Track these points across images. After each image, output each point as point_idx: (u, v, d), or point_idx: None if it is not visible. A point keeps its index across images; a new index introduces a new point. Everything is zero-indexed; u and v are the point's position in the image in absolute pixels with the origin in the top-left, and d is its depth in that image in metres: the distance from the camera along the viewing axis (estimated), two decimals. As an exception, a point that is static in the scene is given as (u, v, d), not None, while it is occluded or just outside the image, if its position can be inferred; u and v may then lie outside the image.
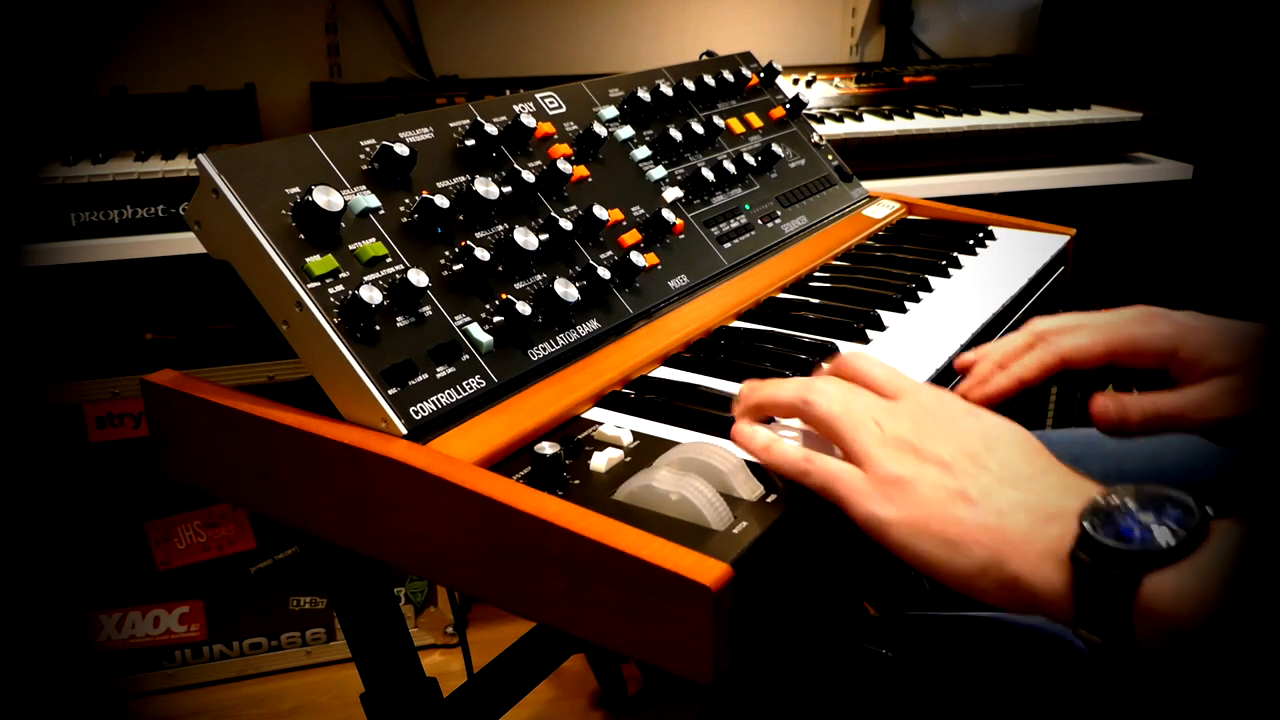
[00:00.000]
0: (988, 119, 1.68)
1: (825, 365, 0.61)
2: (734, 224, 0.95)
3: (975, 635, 0.71)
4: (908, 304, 0.89)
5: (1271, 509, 0.45)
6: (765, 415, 0.63)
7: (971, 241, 1.05)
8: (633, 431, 0.63)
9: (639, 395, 0.70)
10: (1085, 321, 0.71)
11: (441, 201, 0.69)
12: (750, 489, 0.57)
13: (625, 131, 0.91)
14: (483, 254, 0.70)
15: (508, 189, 0.76)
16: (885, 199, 1.17)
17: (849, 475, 0.55)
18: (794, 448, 0.58)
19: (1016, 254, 1.04)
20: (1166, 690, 0.48)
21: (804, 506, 0.57)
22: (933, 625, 0.73)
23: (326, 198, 0.63)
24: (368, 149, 0.70)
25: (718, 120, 1.00)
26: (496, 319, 0.69)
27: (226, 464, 0.67)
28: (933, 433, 0.56)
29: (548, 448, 0.58)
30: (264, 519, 0.81)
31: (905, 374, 0.61)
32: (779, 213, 1.02)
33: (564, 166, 0.79)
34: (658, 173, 0.91)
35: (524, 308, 0.69)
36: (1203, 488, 0.47)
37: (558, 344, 0.72)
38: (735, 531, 0.53)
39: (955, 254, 1.01)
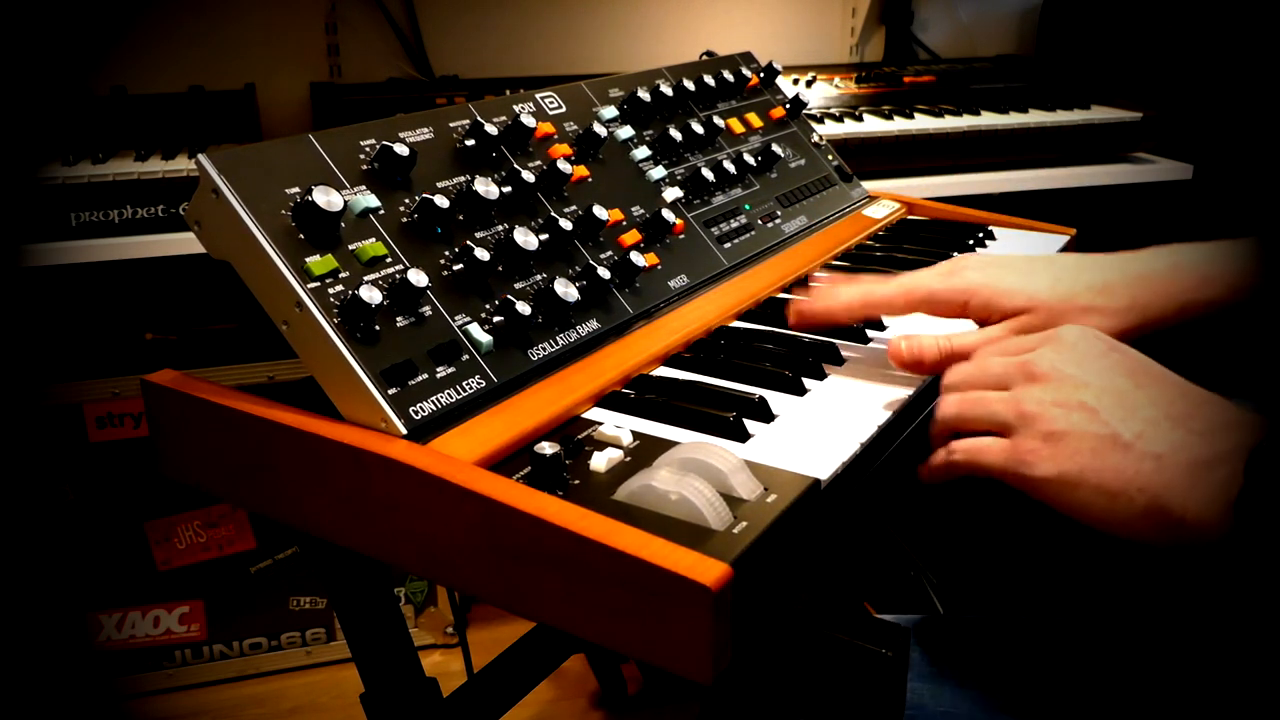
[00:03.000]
0: (988, 119, 1.68)
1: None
2: (734, 224, 0.95)
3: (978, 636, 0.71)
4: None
5: None
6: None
7: (971, 241, 1.05)
8: (633, 431, 0.63)
9: (639, 395, 0.70)
10: (910, 276, 0.75)
11: (441, 201, 0.69)
12: (750, 489, 0.57)
13: (625, 131, 0.91)
14: (483, 254, 0.70)
15: (508, 189, 0.76)
16: (885, 199, 1.17)
17: (992, 445, 0.55)
18: (941, 454, 0.59)
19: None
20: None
21: (804, 506, 0.57)
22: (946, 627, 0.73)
23: (326, 198, 0.63)
24: (368, 149, 0.70)
25: (718, 120, 1.00)
26: (496, 319, 0.69)
27: (226, 464, 0.67)
28: (1070, 377, 0.54)
29: (548, 448, 0.58)
30: (264, 519, 0.81)
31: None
32: (779, 213, 1.02)
33: (564, 166, 0.79)
34: (658, 173, 0.91)
35: (524, 308, 0.69)
36: None
37: (558, 344, 0.72)
38: (735, 531, 0.53)
39: (955, 254, 1.01)
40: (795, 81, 1.78)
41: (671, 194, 0.91)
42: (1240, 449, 0.47)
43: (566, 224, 0.76)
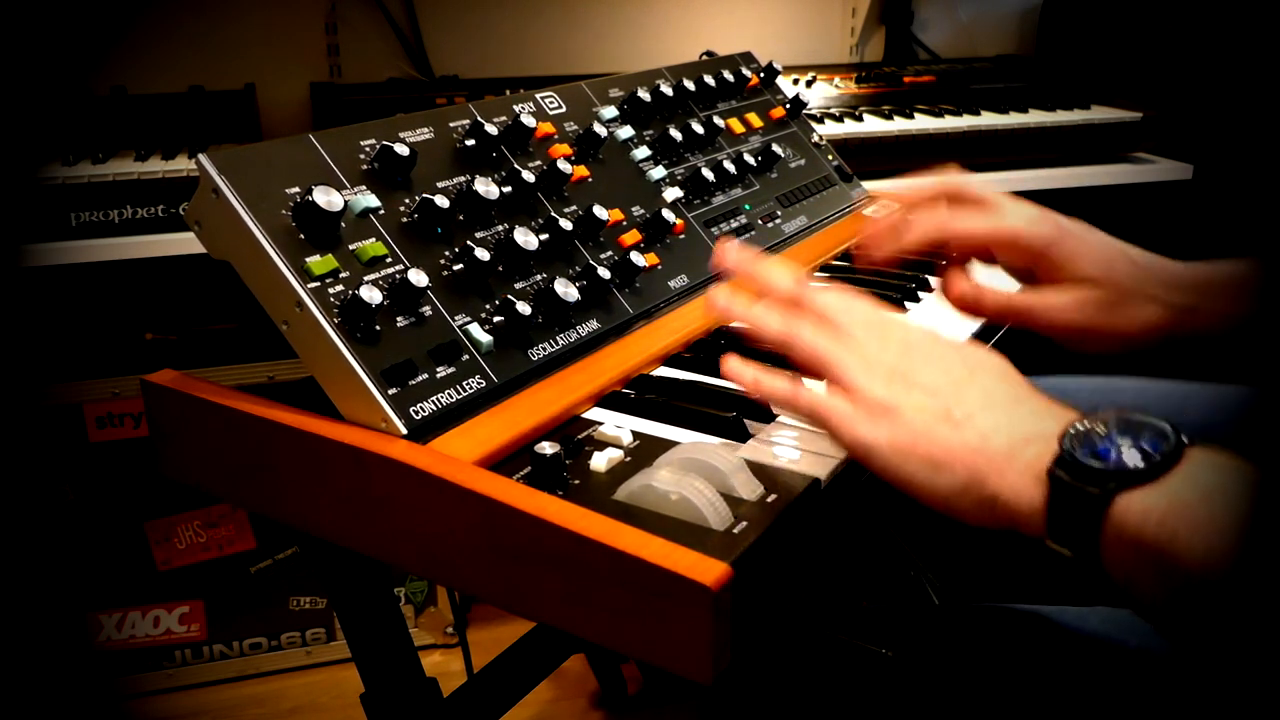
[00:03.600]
0: (988, 119, 1.68)
1: (808, 307, 0.63)
2: (734, 224, 0.95)
3: (977, 632, 0.71)
4: (907, 303, 0.89)
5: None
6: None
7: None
8: (633, 431, 0.63)
9: (639, 395, 0.70)
10: (991, 200, 0.76)
11: (441, 201, 0.69)
12: (750, 489, 0.57)
13: (625, 131, 0.91)
14: (483, 254, 0.70)
15: (508, 189, 0.76)
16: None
17: (837, 403, 0.57)
18: (780, 380, 0.61)
19: (1016, 254, 1.03)
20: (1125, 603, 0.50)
21: (804, 506, 0.57)
22: (941, 621, 0.73)
23: (326, 198, 0.63)
24: (368, 149, 0.70)
25: (718, 120, 1.00)
26: (496, 319, 0.69)
27: (226, 464, 0.67)
28: (918, 361, 0.58)
29: (548, 448, 0.58)
30: (264, 519, 0.81)
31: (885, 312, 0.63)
32: (779, 213, 1.02)
33: (564, 166, 0.79)
34: (658, 173, 0.91)
35: (524, 308, 0.69)
36: (1219, 442, 0.49)
37: (558, 344, 0.72)
38: (735, 531, 0.53)
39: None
40: (795, 81, 1.78)
41: (671, 194, 0.91)
42: (1056, 432, 0.51)
43: (566, 224, 0.76)
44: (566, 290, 0.72)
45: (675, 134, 0.94)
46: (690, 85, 1.01)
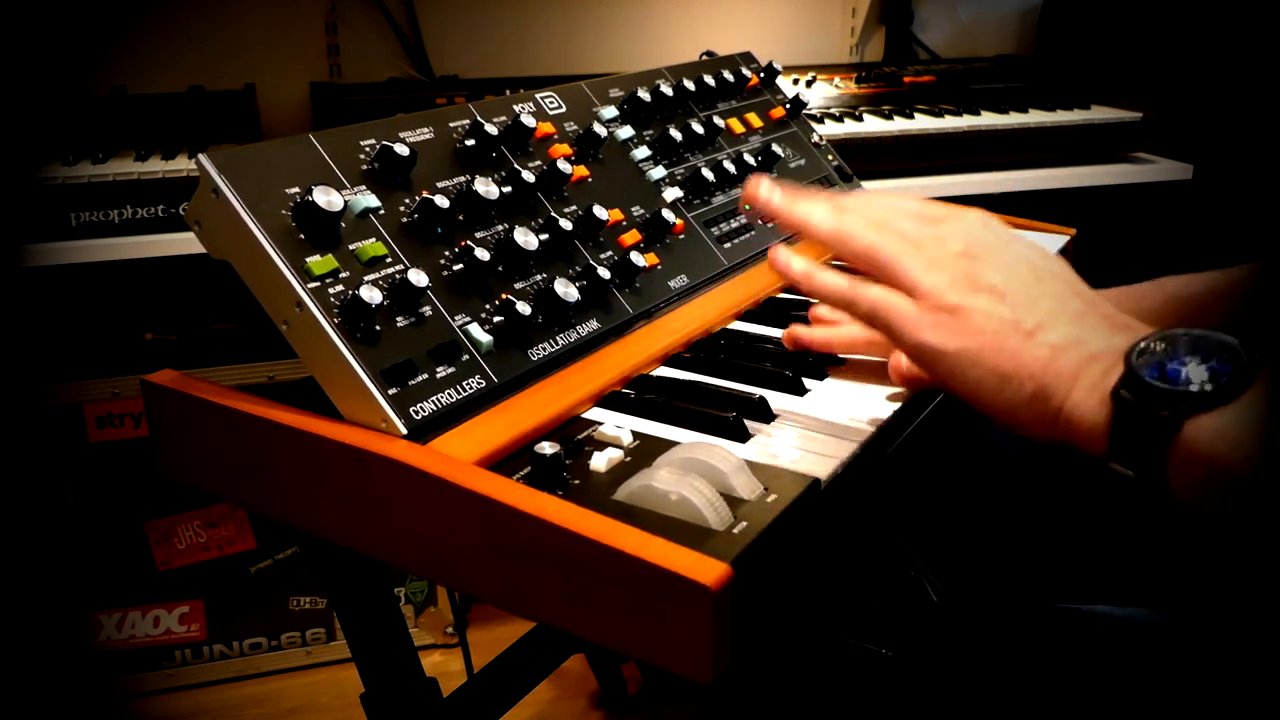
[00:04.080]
0: (988, 119, 1.68)
1: (848, 205, 0.60)
2: (734, 224, 0.95)
3: (977, 631, 0.71)
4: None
5: None
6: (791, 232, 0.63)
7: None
8: (633, 431, 0.63)
9: (639, 395, 0.70)
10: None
11: (441, 201, 0.69)
12: (750, 489, 0.57)
13: (625, 131, 0.91)
14: (483, 254, 0.70)
15: (508, 189, 0.76)
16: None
17: (900, 302, 0.55)
18: (836, 275, 0.58)
19: (1016, 254, 1.04)
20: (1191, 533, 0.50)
21: (804, 506, 0.57)
22: (938, 622, 0.73)
23: (326, 198, 0.63)
24: (368, 149, 0.70)
25: (718, 120, 1.00)
26: (496, 319, 0.69)
27: (226, 464, 0.67)
28: (982, 259, 0.55)
29: (548, 448, 0.58)
30: (264, 519, 0.81)
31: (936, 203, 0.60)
32: (779, 213, 1.01)
33: (564, 166, 0.79)
34: (658, 173, 0.91)
35: (524, 308, 0.69)
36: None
37: (558, 344, 0.72)
38: (735, 531, 0.53)
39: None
40: (795, 81, 1.78)
41: (671, 194, 0.91)
42: (1124, 348, 0.49)
43: (566, 224, 0.76)
44: (566, 290, 0.72)
45: (675, 134, 0.94)
46: (690, 85, 1.01)
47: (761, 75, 1.14)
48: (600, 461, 0.59)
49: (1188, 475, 0.46)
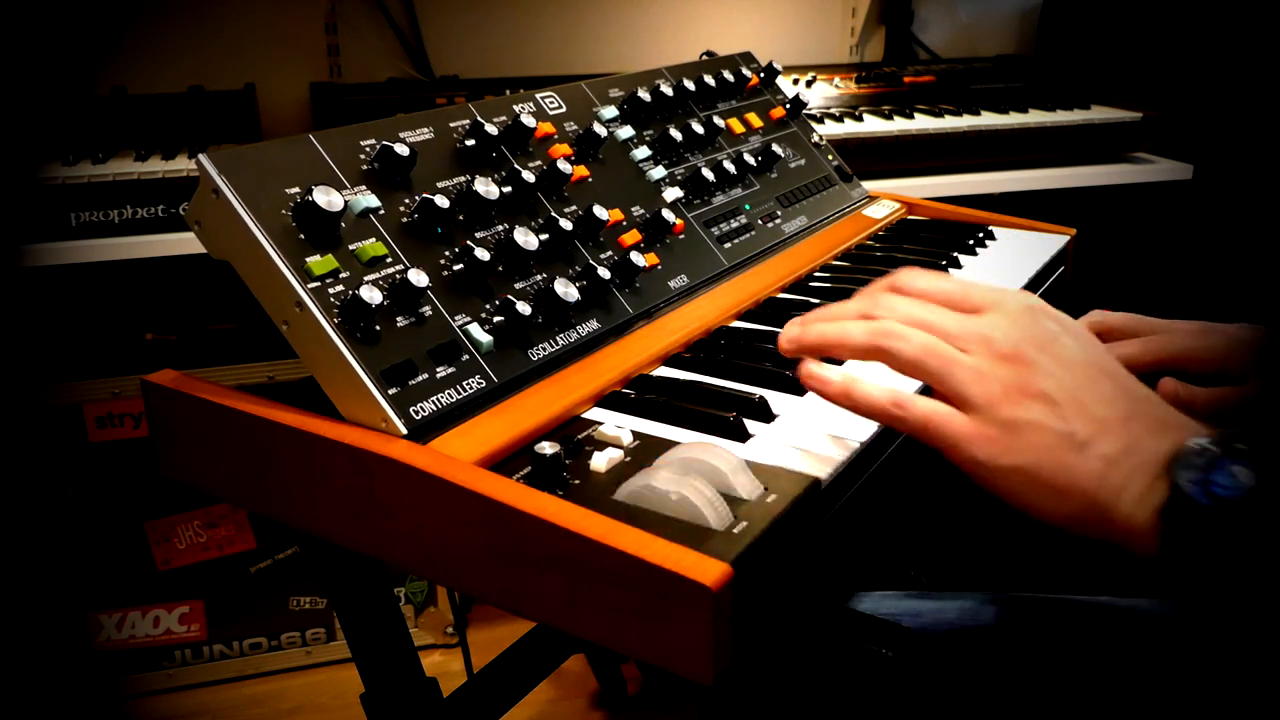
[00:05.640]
0: (988, 119, 1.68)
1: (883, 290, 0.58)
2: (734, 224, 0.95)
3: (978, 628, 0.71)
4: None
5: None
6: (828, 356, 0.61)
7: (971, 241, 1.05)
8: (633, 431, 0.63)
9: (639, 395, 0.70)
10: (1143, 326, 0.70)
11: (441, 201, 0.69)
12: (750, 489, 0.57)
13: (625, 131, 0.91)
14: (483, 254, 0.70)
15: (508, 189, 0.76)
16: (885, 199, 1.17)
17: (952, 419, 0.54)
18: (880, 389, 0.56)
19: (1016, 254, 1.04)
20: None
21: (804, 506, 0.57)
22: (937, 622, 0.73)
23: (326, 198, 0.63)
24: (368, 149, 0.70)
25: (718, 120, 1.00)
26: (496, 319, 0.69)
27: (226, 464, 0.67)
28: (1034, 362, 0.54)
29: (548, 448, 0.58)
30: (264, 519, 0.81)
31: (974, 282, 0.58)
32: (779, 213, 1.02)
33: (564, 166, 0.79)
34: (658, 173, 0.91)
35: (524, 308, 0.69)
36: None
37: (558, 344, 0.72)
38: (735, 531, 0.52)
39: (955, 254, 1.01)
40: (795, 81, 1.78)
41: (671, 194, 0.91)
42: (1168, 452, 0.49)
43: (566, 224, 0.76)
44: (566, 290, 0.72)
45: (675, 134, 0.94)
46: (690, 85, 1.01)
47: (761, 75, 1.14)
48: (600, 461, 0.59)
49: (1233, 565, 0.46)
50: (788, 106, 1.14)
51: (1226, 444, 0.48)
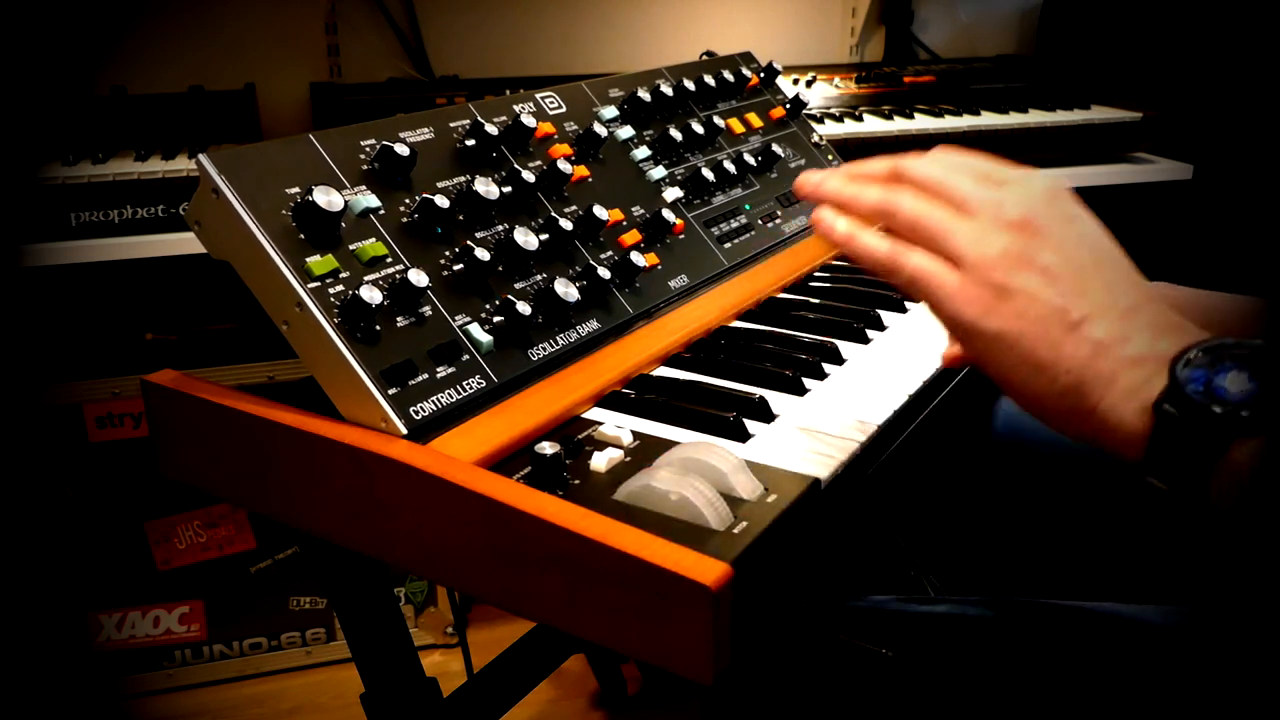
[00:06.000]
0: (988, 119, 1.68)
1: (910, 177, 0.56)
2: (734, 224, 0.95)
3: (977, 630, 0.71)
4: (908, 304, 0.89)
5: None
6: (841, 211, 0.59)
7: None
8: (633, 431, 0.63)
9: (639, 395, 0.70)
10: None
11: (441, 201, 0.69)
12: (750, 489, 0.57)
13: (625, 131, 0.91)
14: (483, 254, 0.70)
15: (508, 189, 0.76)
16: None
17: (943, 274, 0.52)
18: (882, 240, 0.55)
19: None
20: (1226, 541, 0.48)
21: (804, 506, 0.57)
22: (936, 622, 0.73)
23: (327, 198, 0.63)
24: (368, 149, 0.70)
25: (718, 120, 1.00)
26: (496, 319, 0.69)
27: (226, 464, 0.67)
28: (1042, 234, 0.52)
29: (548, 448, 0.58)
30: (264, 519, 0.81)
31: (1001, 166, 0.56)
32: (779, 213, 1.02)
33: (564, 166, 0.79)
34: (658, 173, 0.91)
35: (524, 308, 0.69)
36: None
37: (558, 344, 0.72)
38: (735, 531, 0.53)
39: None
40: (795, 81, 1.78)
41: (671, 194, 0.91)
42: (1170, 354, 0.47)
43: (566, 224, 0.76)
44: (566, 290, 0.72)
45: (675, 134, 0.94)
46: (690, 85, 1.01)
47: (761, 75, 1.14)
48: (600, 461, 0.59)
49: (1229, 489, 0.44)
50: (788, 106, 1.14)
51: (1232, 350, 0.46)
